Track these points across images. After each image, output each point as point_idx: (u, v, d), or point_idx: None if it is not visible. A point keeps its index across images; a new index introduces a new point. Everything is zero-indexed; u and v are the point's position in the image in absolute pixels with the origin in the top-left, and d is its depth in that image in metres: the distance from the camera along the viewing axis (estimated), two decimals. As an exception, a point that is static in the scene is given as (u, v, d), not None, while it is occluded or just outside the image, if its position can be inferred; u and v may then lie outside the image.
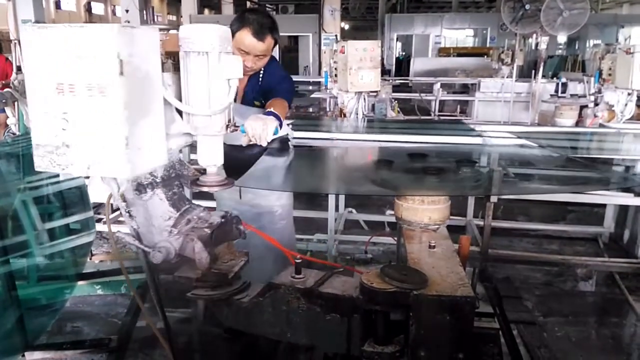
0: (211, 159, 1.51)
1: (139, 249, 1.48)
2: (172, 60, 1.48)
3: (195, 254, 1.43)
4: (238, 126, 1.62)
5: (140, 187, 1.42)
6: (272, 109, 2.04)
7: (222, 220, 1.52)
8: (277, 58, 2.47)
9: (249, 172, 2.11)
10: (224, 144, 1.55)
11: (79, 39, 1.18)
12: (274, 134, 1.92)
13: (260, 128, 1.85)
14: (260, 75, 2.37)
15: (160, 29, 1.36)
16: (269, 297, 1.51)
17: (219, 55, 1.38)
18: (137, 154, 1.26)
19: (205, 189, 1.53)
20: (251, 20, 2.16)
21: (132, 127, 1.23)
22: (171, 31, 1.59)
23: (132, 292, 1.81)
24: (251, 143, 1.92)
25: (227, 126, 1.50)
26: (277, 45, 2.35)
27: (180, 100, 1.42)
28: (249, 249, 1.69)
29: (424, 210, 1.79)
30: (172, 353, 1.76)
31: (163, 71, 1.37)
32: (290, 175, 2.58)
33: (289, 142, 2.61)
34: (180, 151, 1.67)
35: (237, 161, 2.00)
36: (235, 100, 2.23)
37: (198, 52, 1.37)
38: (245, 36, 2.15)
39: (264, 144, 1.89)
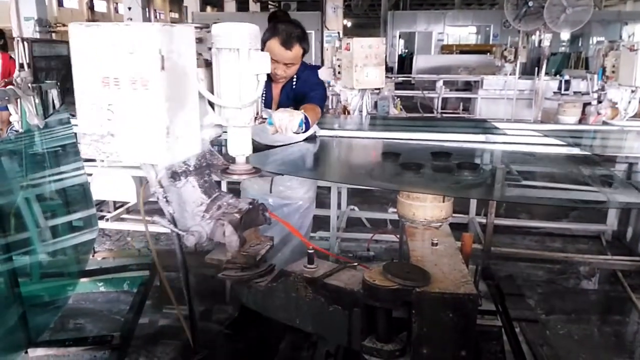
0: (240, 149, 1.60)
1: (173, 232, 1.59)
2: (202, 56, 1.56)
3: (225, 238, 1.53)
4: (266, 118, 1.72)
5: (174, 175, 1.54)
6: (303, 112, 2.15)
7: (250, 206, 1.63)
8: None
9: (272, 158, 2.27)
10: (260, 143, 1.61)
11: (124, 37, 1.28)
12: (299, 126, 2.02)
13: (287, 119, 1.96)
14: (294, 82, 2.51)
15: (195, 27, 1.46)
16: (281, 283, 1.58)
17: (248, 52, 1.48)
18: (176, 143, 1.36)
19: (234, 178, 1.63)
20: (280, 31, 2.30)
21: (171, 117, 1.33)
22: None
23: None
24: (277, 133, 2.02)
25: (256, 118, 1.59)
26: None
27: (212, 94, 1.53)
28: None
29: (427, 207, 1.79)
30: (192, 339, 1.88)
31: (197, 67, 1.47)
32: (316, 166, 2.72)
33: (316, 138, 2.79)
34: (220, 146, 1.72)
35: None
36: (270, 107, 2.39)
37: (229, 49, 1.47)
38: (274, 45, 2.29)
39: (289, 134, 2.00)
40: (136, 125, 1.32)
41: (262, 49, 2.14)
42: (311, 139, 2.71)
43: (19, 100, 3.14)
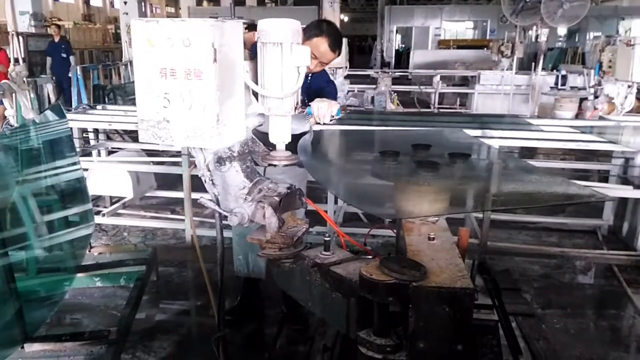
0: (281, 136, 1.71)
1: (218, 213, 1.74)
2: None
3: (265, 219, 1.66)
4: (304, 108, 1.84)
5: (220, 160, 1.66)
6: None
7: (288, 191, 1.75)
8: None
9: None
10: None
11: (180, 31, 1.39)
12: (337, 115, 2.20)
13: (326, 108, 2.10)
14: (309, 78, 2.57)
15: (243, 23, 1.57)
16: (299, 265, 1.67)
17: (290, 46, 1.57)
18: (224, 129, 1.48)
19: (275, 163, 1.73)
20: (330, 32, 2.46)
21: (221, 106, 1.45)
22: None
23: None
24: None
25: (295, 108, 1.70)
26: None
27: (257, 85, 1.63)
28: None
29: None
30: (218, 316, 1.94)
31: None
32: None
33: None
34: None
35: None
36: None
37: (273, 43, 1.57)
38: (322, 44, 2.44)
39: (327, 121, 2.15)
40: (189, 112, 1.45)
41: (304, 43, 2.27)
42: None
43: (14, 94, 3.12)
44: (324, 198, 4.10)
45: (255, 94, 1.66)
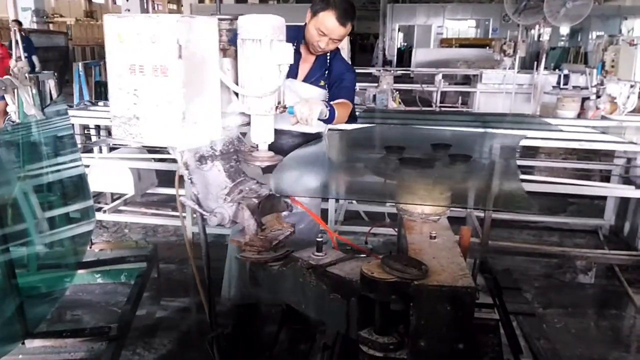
0: (262, 136, 1.68)
1: (198, 213, 1.69)
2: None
3: (244, 221, 1.63)
4: (286, 107, 1.75)
5: (201, 159, 1.62)
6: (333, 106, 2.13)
7: (270, 192, 1.70)
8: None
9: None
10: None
11: (147, 27, 1.37)
12: (324, 115, 2.00)
13: (307, 111, 1.90)
14: (328, 58, 2.41)
15: (221, 19, 1.54)
16: (290, 268, 1.63)
17: (270, 43, 1.54)
18: (194, 128, 1.45)
19: (257, 164, 1.69)
20: (336, 4, 2.17)
21: (188, 103, 1.41)
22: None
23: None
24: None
25: (277, 107, 1.65)
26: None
27: (237, 83, 1.60)
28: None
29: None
30: (210, 317, 1.94)
31: (225, 57, 1.57)
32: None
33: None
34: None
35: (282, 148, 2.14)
36: (296, 77, 2.34)
37: (252, 40, 1.54)
38: (329, 19, 2.17)
39: (311, 124, 1.95)
40: (157, 110, 1.42)
41: (310, 21, 2.20)
42: (317, 137, 2.55)
43: (15, 90, 3.12)
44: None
45: (236, 93, 1.62)
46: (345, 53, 5.83)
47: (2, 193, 2.61)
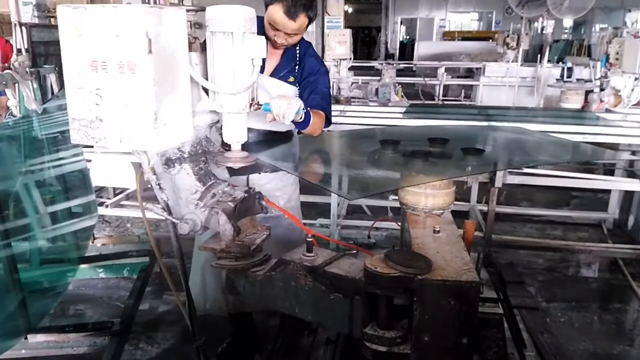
0: (235, 136, 1.58)
1: (168, 220, 1.56)
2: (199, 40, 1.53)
3: (219, 226, 1.51)
4: (261, 105, 1.66)
5: (168, 162, 1.50)
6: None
7: (245, 195, 1.59)
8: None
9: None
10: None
11: (111, 19, 1.23)
12: (297, 114, 1.83)
13: (285, 106, 1.78)
14: (298, 51, 2.24)
15: (189, 10, 1.43)
16: (280, 272, 1.55)
17: (243, 36, 1.44)
18: (165, 129, 1.33)
19: (229, 165, 1.60)
20: None
21: (160, 103, 1.29)
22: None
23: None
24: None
25: (251, 104, 1.56)
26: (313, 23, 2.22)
27: (207, 79, 1.49)
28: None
29: (429, 195, 1.77)
30: (191, 326, 1.83)
31: (191, 51, 1.44)
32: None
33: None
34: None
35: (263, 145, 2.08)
36: (262, 72, 2.12)
37: (223, 32, 1.43)
38: (276, 12, 2.00)
39: (287, 122, 1.83)
40: (124, 110, 1.28)
41: (265, 13, 2.04)
42: (289, 135, 2.39)
43: (16, 84, 3.11)
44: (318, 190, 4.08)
45: (206, 89, 1.51)
46: (348, 47, 5.79)
47: (5, 188, 2.60)
